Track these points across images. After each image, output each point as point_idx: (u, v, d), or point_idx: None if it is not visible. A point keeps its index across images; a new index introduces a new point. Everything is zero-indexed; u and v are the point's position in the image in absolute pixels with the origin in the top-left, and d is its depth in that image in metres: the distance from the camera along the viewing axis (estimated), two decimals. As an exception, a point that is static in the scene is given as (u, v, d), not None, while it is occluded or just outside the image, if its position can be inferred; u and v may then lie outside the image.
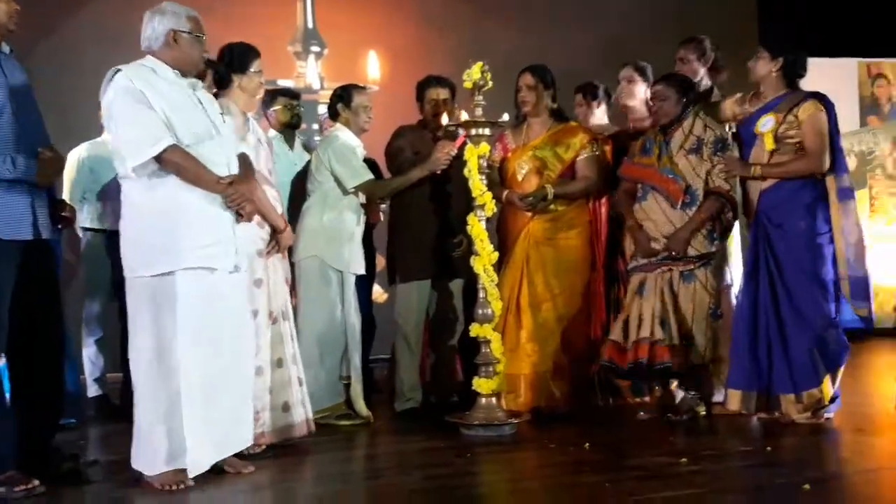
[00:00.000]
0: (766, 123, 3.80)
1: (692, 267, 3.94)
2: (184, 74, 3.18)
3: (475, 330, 3.94)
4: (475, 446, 3.64)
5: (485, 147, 3.95)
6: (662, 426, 3.93)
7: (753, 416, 3.85)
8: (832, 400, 3.74)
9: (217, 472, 3.15)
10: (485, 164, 3.95)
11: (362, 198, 4.23)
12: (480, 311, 3.94)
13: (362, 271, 4.26)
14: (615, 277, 4.39)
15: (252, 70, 3.64)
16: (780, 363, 3.72)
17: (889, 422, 3.86)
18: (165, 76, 3.14)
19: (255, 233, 3.51)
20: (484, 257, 3.93)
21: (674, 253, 3.92)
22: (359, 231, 4.22)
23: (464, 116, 3.95)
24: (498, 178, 4.26)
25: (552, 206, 4.19)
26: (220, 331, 3.15)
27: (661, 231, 3.96)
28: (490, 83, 3.94)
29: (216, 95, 3.71)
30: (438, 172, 4.16)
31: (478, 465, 3.41)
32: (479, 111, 3.94)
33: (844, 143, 7.76)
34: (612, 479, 3.06)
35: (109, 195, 4.38)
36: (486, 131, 3.96)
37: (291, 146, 4.79)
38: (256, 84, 3.68)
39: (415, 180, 4.18)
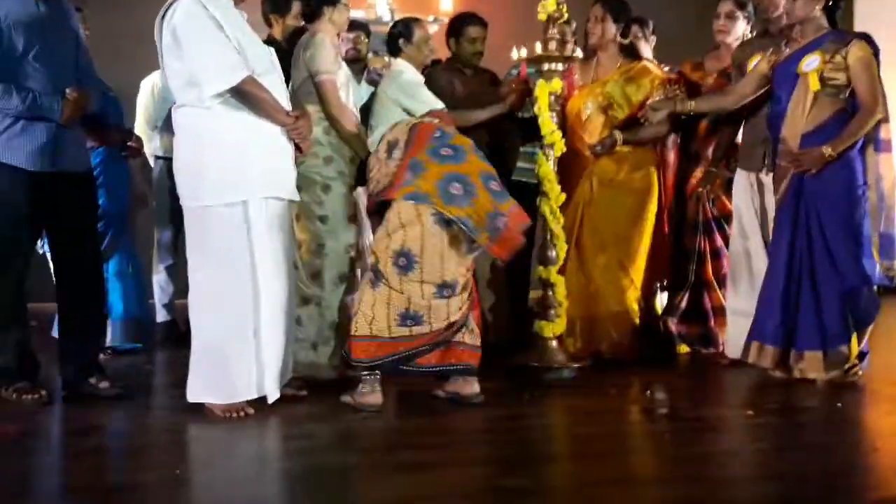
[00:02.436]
0: (810, 63, 3.50)
1: None
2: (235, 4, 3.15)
3: (539, 272, 3.88)
4: (535, 388, 3.60)
5: (557, 83, 3.81)
6: (726, 377, 3.82)
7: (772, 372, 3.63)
8: (861, 357, 3.57)
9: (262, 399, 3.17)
10: (556, 100, 3.82)
11: None
12: (545, 253, 3.86)
13: None
14: (681, 228, 4.21)
15: (342, 1, 3.59)
16: (809, 319, 3.53)
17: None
18: (226, 4, 3.09)
19: (349, 169, 3.57)
20: (552, 198, 3.83)
21: None
22: None
23: (537, 49, 3.82)
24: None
25: (618, 147, 4.03)
26: (282, 259, 3.18)
27: None
28: (566, 16, 3.79)
29: (303, 29, 3.67)
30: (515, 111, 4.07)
31: (536, 408, 3.37)
32: (552, 45, 3.80)
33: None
34: (671, 430, 3.02)
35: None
36: (559, 66, 3.82)
37: (358, 80, 4.69)
38: (346, 17, 3.65)
39: (488, 118, 4.06)
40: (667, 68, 4.30)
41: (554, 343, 3.85)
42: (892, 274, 3.57)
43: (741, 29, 4.15)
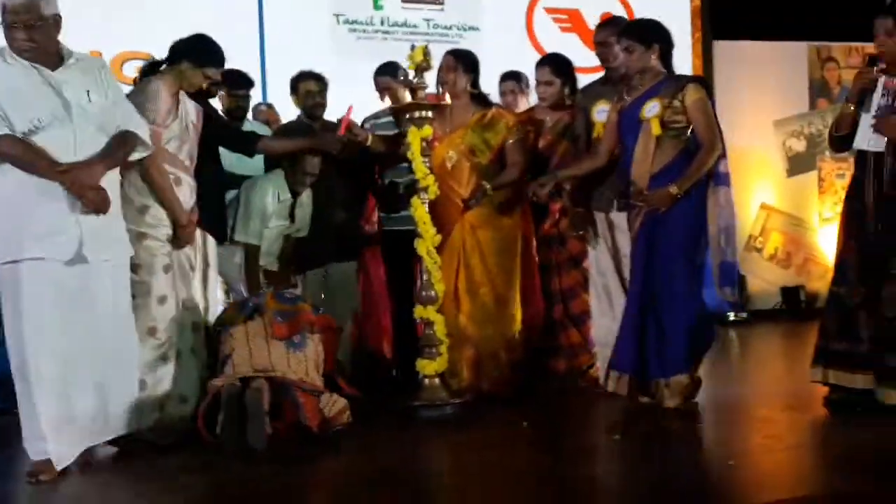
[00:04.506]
0: (651, 109, 3.71)
1: None
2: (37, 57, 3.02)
3: (419, 312, 3.97)
4: (417, 425, 3.70)
5: (428, 129, 3.94)
6: (599, 407, 4.00)
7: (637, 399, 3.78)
8: (697, 385, 3.76)
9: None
10: (427, 146, 3.96)
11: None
12: (424, 293, 3.96)
13: None
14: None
15: (208, 72, 3.57)
16: (653, 348, 3.71)
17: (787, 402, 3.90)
18: (10, 59, 3.03)
19: (164, 219, 3.48)
20: (427, 240, 3.94)
21: None
22: None
23: (407, 98, 3.97)
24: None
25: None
26: (76, 322, 3.05)
27: None
28: (432, 66, 3.97)
29: (155, 68, 3.59)
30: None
31: (420, 445, 3.46)
32: (421, 94, 3.96)
33: (794, 126, 8.03)
34: (547, 457, 3.16)
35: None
36: (429, 114, 3.97)
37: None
38: (200, 81, 3.58)
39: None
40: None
41: (436, 380, 3.94)
42: (731, 299, 3.82)
43: (560, 90, 4.35)
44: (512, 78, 4.72)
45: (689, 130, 3.74)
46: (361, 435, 3.52)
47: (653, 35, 3.78)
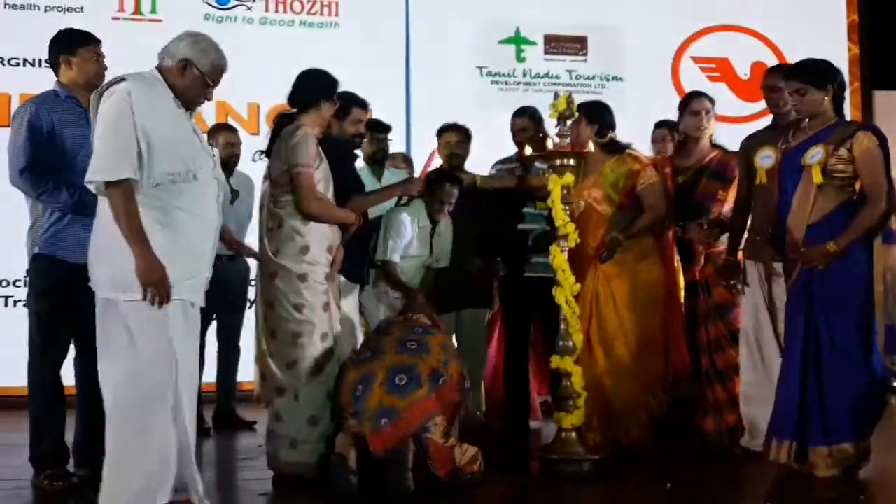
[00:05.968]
0: (814, 155, 3.48)
1: None
2: (183, 105, 2.98)
3: (556, 362, 3.88)
4: (554, 480, 3.59)
5: (569, 177, 3.89)
6: (746, 469, 3.76)
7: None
8: (864, 456, 3.46)
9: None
10: (567, 194, 3.91)
11: None
12: (561, 343, 3.87)
13: None
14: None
15: (336, 98, 3.70)
16: (816, 414, 3.44)
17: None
18: (166, 99, 2.93)
19: (325, 259, 3.60)
20: (566, 288, 3.86)
21: None
22: None
23: (550, 146, 3.95)
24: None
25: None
26: (189, 359, 2.95)
27: None
28: (576, 113, 3.94)
29: (290, 117, 3.71)
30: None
31: (556, 502, 3.35)
32: (565, 141, 3.93)
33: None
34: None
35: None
36: (571, 162, 3.93)
37: (379, 179, 4.79)
38: (331, 110, 3.72)
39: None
40: None
41: (573, 434, 3.83)
42: (894, 369, 3.51)
43: (713, 122, 4.23)
44: (665, 126, 4.68)
45: (856, 182, 3.50)
46: (493, 486, 3.45)
47: (826, 77, 3.57)
